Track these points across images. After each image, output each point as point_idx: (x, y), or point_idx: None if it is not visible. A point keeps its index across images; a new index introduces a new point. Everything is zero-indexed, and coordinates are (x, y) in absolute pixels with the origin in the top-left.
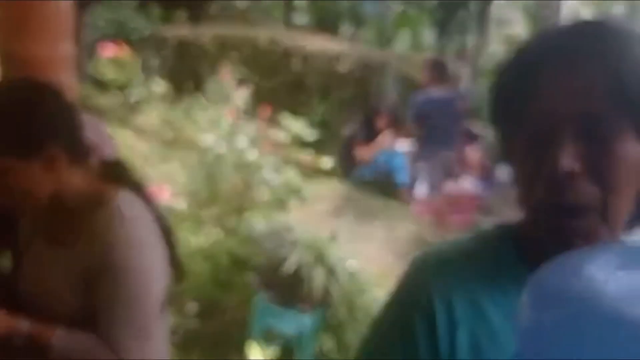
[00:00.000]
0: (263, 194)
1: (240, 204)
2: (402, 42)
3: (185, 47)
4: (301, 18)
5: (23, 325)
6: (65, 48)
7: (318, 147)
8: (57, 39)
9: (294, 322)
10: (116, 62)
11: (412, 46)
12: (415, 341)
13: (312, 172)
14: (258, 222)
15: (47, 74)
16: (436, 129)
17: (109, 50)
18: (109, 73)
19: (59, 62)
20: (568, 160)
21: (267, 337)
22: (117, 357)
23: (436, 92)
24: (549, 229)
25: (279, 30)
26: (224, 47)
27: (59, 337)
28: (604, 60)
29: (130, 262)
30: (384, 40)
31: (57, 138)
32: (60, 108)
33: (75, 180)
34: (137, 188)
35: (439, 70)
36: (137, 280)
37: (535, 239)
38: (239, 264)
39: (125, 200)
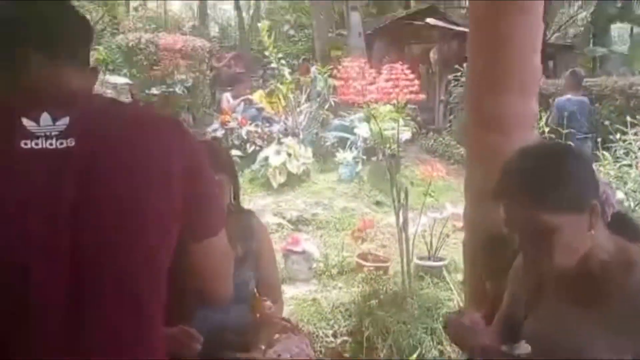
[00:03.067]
0: None
1: None
2: None
3: None
4: None
5: None
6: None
7: None
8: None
9: None
10: None
11: None
12: None
13: None
14: None
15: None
16: (572, 123)
17: None
18: None
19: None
20: None
21: None
22: None
23: (573, 95)
24: None
25: None
26: None
27: None
28: None
29: None
30: None
31: (598, 192)
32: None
33: (603, 237)
34: None
35: (575, 79)
36: None
37: None
38: None
39: None
